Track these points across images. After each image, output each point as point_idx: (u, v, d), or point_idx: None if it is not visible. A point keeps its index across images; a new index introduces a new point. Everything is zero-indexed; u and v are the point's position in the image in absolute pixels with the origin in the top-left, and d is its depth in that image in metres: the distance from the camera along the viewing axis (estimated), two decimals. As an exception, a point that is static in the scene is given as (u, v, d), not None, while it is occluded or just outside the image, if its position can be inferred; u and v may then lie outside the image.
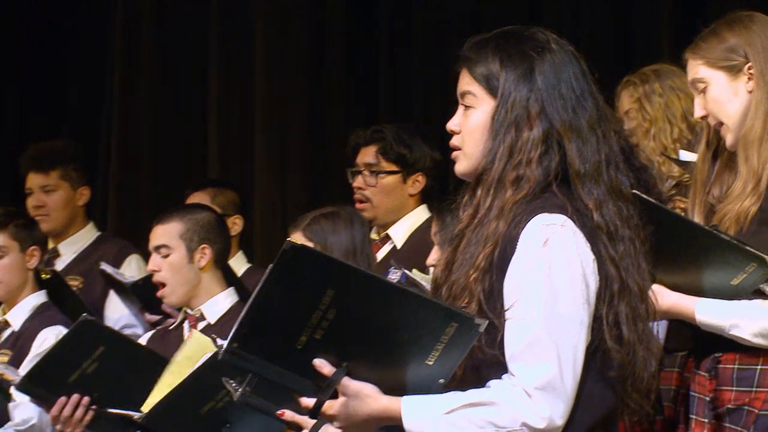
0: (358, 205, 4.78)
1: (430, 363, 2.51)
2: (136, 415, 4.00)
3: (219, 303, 4.49)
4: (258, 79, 6.27)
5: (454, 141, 2.70)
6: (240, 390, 2.56)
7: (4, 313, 4.75)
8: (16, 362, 4.55)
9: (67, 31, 6.85)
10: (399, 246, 4.81)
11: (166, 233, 4.46)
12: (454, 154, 2.71)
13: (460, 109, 2.69)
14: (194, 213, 4.57)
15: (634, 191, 2.69)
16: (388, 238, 4.86)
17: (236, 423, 3.89)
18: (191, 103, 6.52)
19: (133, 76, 6.60)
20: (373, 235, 4.80)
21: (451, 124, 2.70)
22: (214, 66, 6.43)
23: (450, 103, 2.98)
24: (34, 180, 5.46)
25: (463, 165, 2.69)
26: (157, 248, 4.45)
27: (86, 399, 4.19)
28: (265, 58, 6.25)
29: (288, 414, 2.59)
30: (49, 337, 4.61)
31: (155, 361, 4.16)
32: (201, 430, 3.93)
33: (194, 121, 6.50)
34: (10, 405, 4.48)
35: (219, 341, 3.89)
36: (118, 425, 4.24)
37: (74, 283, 5.26)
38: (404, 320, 2.48)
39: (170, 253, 4.44)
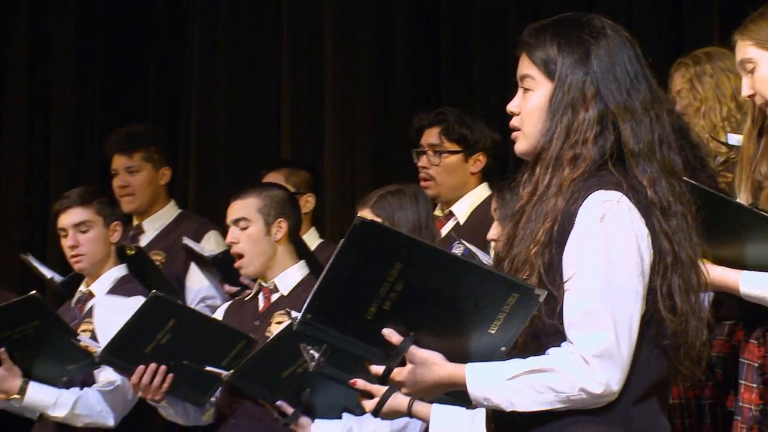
0: (422, 184, 4.76)
1: (493, 332, 2.49)
2: (223, 373, 4.02)
3: (291, 275, 4.46)
4: (327, 68, 6.26)
5: (514, 122, 2.69)
6: (315, 360, 2.57)
7: (88, 285, 4.75)
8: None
9: (148, 24, 6.88)
10: (462, 222, 4.79)
11: (244, 207, 4.44)
12: (514, 134, 2.70)
13: (520, 92, 2.68)
14: (270, 190, 4.56)
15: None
16: (451, 214, 4.85)
17: (316, 388, 3.90)
18: (265, 90, 6.53)
19: (210, 68, 6.61)
20: (437, 212, 4.78)
21: (511, 106, 2.69)
22: (286, 55, 6.42)
23: (509, 87, 2.98)
24: (119, 162, 5.48)
25: (522, 145, 2.68)
26: (236, 221, 4.43)
27: (163, 368, 4.21)
28: (333, 47, 6.24)
29: (360, 383, 2.60)
30: (130, 306, 4.62)
31: (223, 330, 4.19)
32: (283, 392, 3.95)
33: (268, 106, 6.51)
34: (96, 370, 4.51)
35: (294, 313, 3.90)
36: (194, 390, 4.28)
37: (157, 257, 5.27)
38: (468, 291, 2.46)
39: (249, 225, 4.42)
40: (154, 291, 4.20)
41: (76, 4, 6.93)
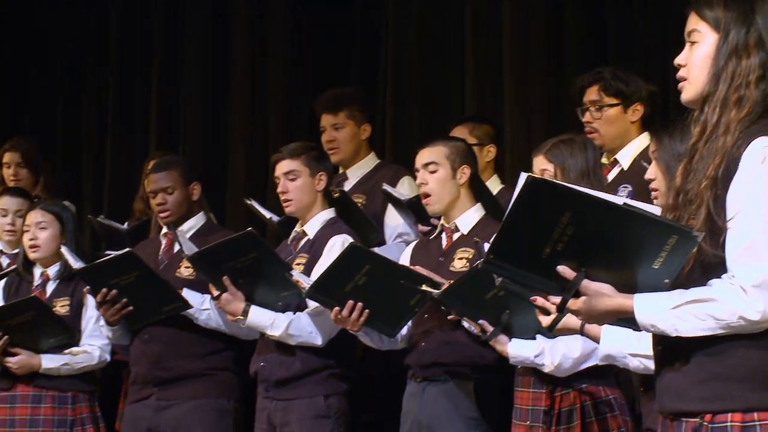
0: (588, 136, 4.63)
1: (656, 267, 2.43)
2: (434, 292, 3.99)
3: (470, 216, 4.43)
4: (505, 31, 6.14)
5: (681, 73, 2.62)
6: (502, 278, 2.55)
7: (301, 226, 4.77)
8: (311, 264, 4.60)
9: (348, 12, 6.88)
10: (625, 168, 4.64)
11: (434, 153, 4.41)
12: (681, 84, 2.62)
13: (687, 46, 2.61)
14: (454, 141, 4.55)
15: None
16: (616, 161, 4.70)
17: (514, 310, 3.85)
18: (451, 53, 6.43)
19: (403, 36, 6.55)
20: (604, 160, 4.64)
21: (679, 59, 2.62)
22: (468, 21, 6.32)
23: (670, 46, 2.86)
24: (326, 120, 5.47)
25: (689, 92, 2.60)
26: (426, 165, 4.41)
27: (360, 304, 4.24)
28: (510, 12, 6.11)
29: (539, 300, 2.58)
30: (337, 242, 4.62)
31: (410, 274, 4.16)
32: (485, 312, 3.90)
33: (454, 68, 6.41)
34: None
35: (482, 248, 3.85)
36: (387, 324, 4.30)
37: (359, 200, 5.26)
38: (631, 234, 2.41)
39: (438, 169, 4.39)
40: (351, 242, 4.26)
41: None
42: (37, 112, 8.16)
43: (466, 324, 4.09)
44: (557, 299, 2.50)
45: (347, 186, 5.39)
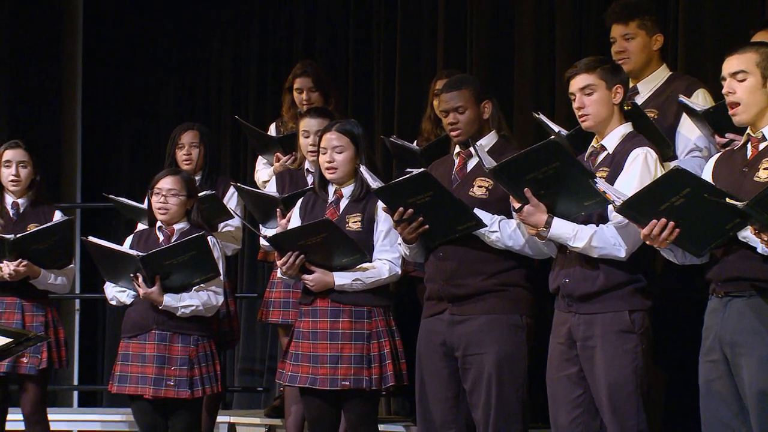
0: None
1: None
2: (739, 204, 3.87)
3: (781, 127, 4.24)
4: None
5: None
6: None
7: (598, 141, 4.69)
8: (612, 178, 4.52)
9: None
10: None
11: (742, 61, 4.21)
12: None
13: None
14: (765, 47, 4.30)
15: None
16: None
17: None
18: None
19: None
20: None
21: None
22: None
23: None
24: (616, 30, 5.33)
25: None
26: (734, 74, 4.22)
27: (672, 223, 4.13)
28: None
29: None
30: (639, 155, 4.53)
31: (725, 208, 4.00)
32: None
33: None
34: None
35: None
36: (695, 244, 4.18)
37: (651, 114, 5.09)
38: None
39: (747, 77, 4.20)
40: (676, 165, 4.15)
41: None
42: (328, 35, 8.30)
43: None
44: None
45: (639, 100, 5.24)
